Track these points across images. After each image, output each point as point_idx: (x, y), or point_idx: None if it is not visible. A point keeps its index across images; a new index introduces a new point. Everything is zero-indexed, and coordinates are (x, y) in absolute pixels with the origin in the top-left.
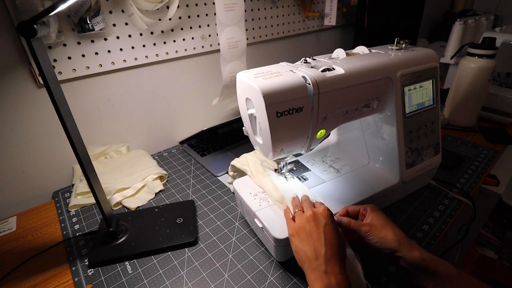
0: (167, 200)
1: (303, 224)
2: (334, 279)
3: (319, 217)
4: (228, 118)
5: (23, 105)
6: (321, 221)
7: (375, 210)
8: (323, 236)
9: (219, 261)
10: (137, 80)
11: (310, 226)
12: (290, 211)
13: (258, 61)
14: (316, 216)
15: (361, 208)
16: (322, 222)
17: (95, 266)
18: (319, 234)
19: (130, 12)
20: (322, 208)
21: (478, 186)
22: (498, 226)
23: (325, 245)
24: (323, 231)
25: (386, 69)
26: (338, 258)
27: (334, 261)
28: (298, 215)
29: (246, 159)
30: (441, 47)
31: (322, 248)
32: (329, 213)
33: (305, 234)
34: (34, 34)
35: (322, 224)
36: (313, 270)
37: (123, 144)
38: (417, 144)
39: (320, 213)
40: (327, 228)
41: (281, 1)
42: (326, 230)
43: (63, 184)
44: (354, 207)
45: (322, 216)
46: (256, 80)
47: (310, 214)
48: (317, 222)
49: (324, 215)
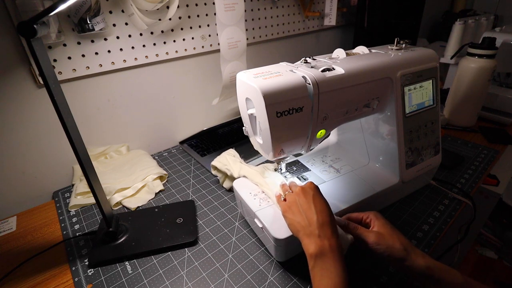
0: (167, 200)
1: (294, 199)
2: (327, 242)
3: (307, 190)
4: (228, 118)
5: (23, 105)
6: (309, 193)
7: (379, 218)
8: (313, 205)
9: (219, 261)
10: (137, 80)
11: (300, 199)
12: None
13: (258, 61)
14: (304, 189)
15: (364, 216)
16: (310, 194)
17: (95, 266)
18: (309, 204)
19: (130, 12)
20: (309, 183)
21: (478, 186)
22: (498, 226)
23: (316, 213)
24: (312, 201)
25: (386, 69)
26: (329, 223)
27: (326, 226)
28: (288, 195)
29: (227, 159)
30: (441, 47)
31: (313, 216)
32: (315, 185)
33: (296, 207)
34: (34, 34)
35: (310, 195)
36: (308, 235)
37: (123, 144)
38: (417, 144)
39: (307, 187)
40: (316, 199)
41: (281, 1)
42: (315, 200)
43: (63, 184)
44: (357, 215)
45: (310, 189)
46: (256, 80)
47: (298, 189)
48: (306, 194)
49: (312, 187)
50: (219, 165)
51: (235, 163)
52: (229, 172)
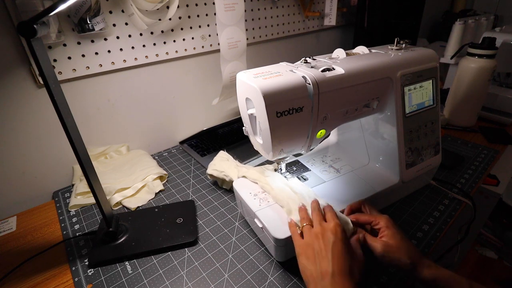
0: (167, 200)
1: (311, 241)
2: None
3: (328, 234)
4: (228, 118)
5: (23, 105)
6: (330, 238)
7: (390, 226)
8: (331, 254)
9: (219, 261)
10: (137, 80)
11: (318, 244)
12: (298, 225)
13: (258, 61)
14: (325, 232)
15: (374, 221)
16: (331, 240)
17: (95, 266)
18: (327, 253)
19: (130, 12)
20: (333, 224)
21: (478, 186)
22: (498, 226)
23: (332, 264)
24: (331, 249)
25: (386, 69)
26: (346, 276)
27: (342, 281)
28: (307, 231)
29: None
30: (441, 47)
31: (329, 267)
32: (339, 229)
33: (312, 252)
34: (34, 34)
35: (331, 242)
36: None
37: (123, 144)
38: (417, 144)
39: (330, 229)
40: (336, 246)
41: (281, 1)
42: (334, 248)
43: (63, 184)
44: (367, 218)
45: (332, 233)
46: (256, 80)
47: (319, 230)
48: (325, 239)
49: (334, 232)
50: (216, 173)
51: (230, 168)
52: (228, 178)
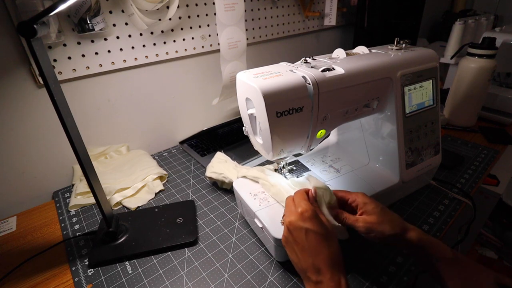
0: (167, 200)
1: (287, 234)
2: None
3: (298, 224)
4: (228, 118)
5: (23, 105)
6: (301, 229)
7: (367, 201)
8: (307, 246)
9: (219, 261)
10: (137, 80)
11: (292, 237)
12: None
13: (258, 61)
14: (294, 224)
15: (350, 199)
16: (302, 230)
17: (95, 266)
18: (302, 245)
19: (130, 12)
20: (299, 212)
21: (478, 186)
22: (498, 226)
23: (311, 256)
24: (305, 241)
25: (386, 69)
26: (326, 265)
27: (323, 270)
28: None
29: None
30: (441, 47)
31: (308, 259)
32: (307, 214)
33: (291, 245)
34: (34, 34)
35: (302, 232)
36: (306, 281)
37: (123, 144)
38: (417, 144)
39: (298, 220)
40: (309, 236)
41: (281, 1)
42: (308, 238)
43: (63, 184)
44: (343, 195)
45: (302, 222)
46: (256, 80)
47: (288, 223)
48: (297, 231)
49: (302, 219)
50: (215, 176)
51: (229, 169)
52: (227, 179)
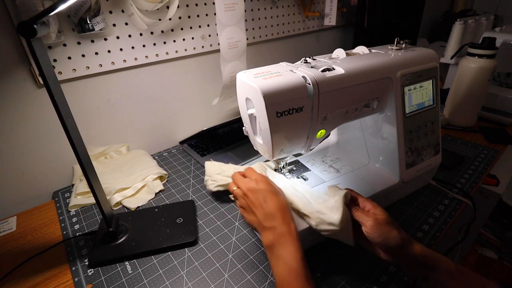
0: (167, 200)
1: (244, 200)
2: (277, 231)
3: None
4: (228, 118)
5: (23, 105)
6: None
7: (377, 206)
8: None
9: (219, 261)
10: (137, 80)
11: (249, 199)
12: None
13: (258, 61)
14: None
15: (361, 200)
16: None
17: (95, 266)
18: (259, 202)
19: (130, 12)
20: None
21: (478, 186)
22: (498, 226)
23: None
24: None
25: (386, 69)
26: (278, 213)
27: (275, 217)
28: (237, 193)
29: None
30: (441, 47)
31: (262, 211)
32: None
33: (248, 206)
34: (34, 34)
35: (257, 192)
36: (262, 230)
37: (123, 144)
38: (417, 144)
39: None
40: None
41: (281, 1)
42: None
43: (63, 184)
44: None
45: (255, 184)
46: (256, 80)
47: (245, 189)
48: (253, 192)
49: (256, 182)
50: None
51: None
52: None
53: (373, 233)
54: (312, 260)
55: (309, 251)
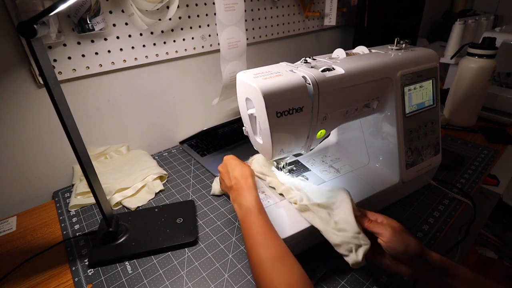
0: (167, 200)
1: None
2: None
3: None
4: (228, 118)
5: (23, 105)
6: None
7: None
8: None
9: (219, 261)
10: (137, 80)
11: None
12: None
13: (258, 61)
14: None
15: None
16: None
17: (95, 266)
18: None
19: (130, 12)
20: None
21: (478, 186)
22: (498, 226)
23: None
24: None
25: (386, 69)
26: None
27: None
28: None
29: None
30: (441, 47)
31: (227, 176)
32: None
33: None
34: (34, 34)
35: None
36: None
37: (123, 144)
38: (417, 144)
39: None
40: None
41: (281, 1)
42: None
43: (63, 184)
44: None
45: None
46: (256, 80)
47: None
48: (222, 167)
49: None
50: None
51: None
52: None
53: (393, 243)
54: (312, 260)
55: (309, 251)
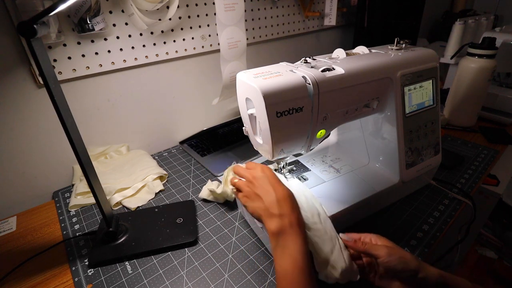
0: (167, 200)
1: (249, 188)
2: (286, 219)
3: (259, 174)
4: (228, 118)
5: (23, 105)
6: (262, 177)
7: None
8: (269, 187)
9: (219, 261)
10: (137, 80)
11: (254, 186)
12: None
13: (258, 61)
14: (255, 176)
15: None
16: (264, 177)
17: (95, 266)
18: (265, 188)
19: (130, 12)
20: (258, 167)
21: (478, 186)
22: (498, 226)
23: (273, 194)
24: (268, 184)
25: (386, 69)
26: (287, 201)
27: (284, 204)
28: (241, 184)
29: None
30: (441, 47)
31: (270, 197)
32: (265, 167)
33: (254, 194)
34: (34, 34)
35: (264, 179)
36: (268, 216)
37: (123, 144)
38: (417, 144)
39: (258, 171)
40: (269, 181)
41: (281, 1)
42: (269, 182)
43: (63, 184)
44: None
45: (261, 172)
46: (256, 80)
47: (250, 177)
48: (259, 179)
49: (262, 170)
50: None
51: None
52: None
53: (390, 260)
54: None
55: None
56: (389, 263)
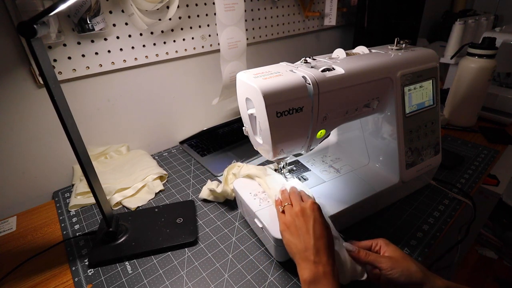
0: (167, 200)
1: (293, 219)
2: (322, 268)
3: (307, 212)
4: (228, 118)
5: (23, 105)
6: (310, 216)
7: (389, 243)
8: (312, 229)
9: (219, 261)
10: (137, 80)
11: (299, 221)
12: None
13: (258, 61)
14: (304, 211)
15: (373, 243)
16: (311, 217)
17: (95, 266)
18: (307, 228)
19: (130, 12)
20: (310, 203)
21: (478, 186)
22: (498, 226)
23: (314, 238)
24: (312, 225)
25: (386, 69)
26: (325, 249)
27: (322, 252)
28: (288, 209)
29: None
30: (441, 47)
31: (311, 240)
32: (316, 206)
33: (295, 228)
34: (34, 34)
35: (311, 218)
36: (303, 260)
37: (123, 144)
38: (417, 144)
39: (308, 208)
40: (316, 222)
41: (281, 1)
42: (315, 224)
43: (63, 184)
44: (366, 243)
45: (310, 210)
46: (256, 80)
47: (298, 210)
48: (305, 217)
49: (312, 209)
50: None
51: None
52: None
53: (393, 272)
54: None
55: None
56: (391, 275)
